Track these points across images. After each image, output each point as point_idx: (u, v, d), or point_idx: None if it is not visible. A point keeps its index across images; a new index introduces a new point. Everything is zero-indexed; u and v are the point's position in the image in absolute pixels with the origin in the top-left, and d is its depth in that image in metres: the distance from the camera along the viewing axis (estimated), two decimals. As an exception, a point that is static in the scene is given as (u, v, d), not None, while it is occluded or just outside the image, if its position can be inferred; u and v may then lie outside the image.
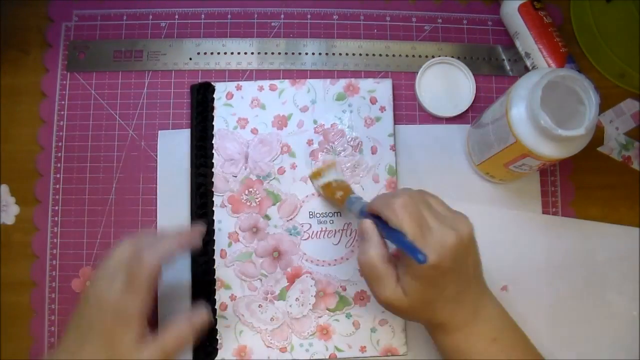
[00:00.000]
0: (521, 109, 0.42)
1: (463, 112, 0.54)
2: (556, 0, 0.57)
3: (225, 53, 0.55)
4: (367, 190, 0.52)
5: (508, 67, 0.56)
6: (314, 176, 0.52)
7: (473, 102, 0.54)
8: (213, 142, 0.52)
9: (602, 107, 0.55)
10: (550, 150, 0.42)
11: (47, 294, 0.52)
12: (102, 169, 0.54)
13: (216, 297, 0.51)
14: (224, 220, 0.52)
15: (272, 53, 0.56)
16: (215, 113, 0.53)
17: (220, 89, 0.54)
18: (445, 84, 0.55)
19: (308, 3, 0.57)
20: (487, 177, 0.52)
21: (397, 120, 0.54)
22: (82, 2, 0.56)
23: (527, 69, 0.54)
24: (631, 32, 0.50)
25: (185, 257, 0.52)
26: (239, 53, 0.55)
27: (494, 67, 0.56)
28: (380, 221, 0.40)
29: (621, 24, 0.52)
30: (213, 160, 0.52)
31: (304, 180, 0.52)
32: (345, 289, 0.51)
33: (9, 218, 0.53)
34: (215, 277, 0.51)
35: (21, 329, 0.52)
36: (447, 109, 0.54)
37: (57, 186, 0.53)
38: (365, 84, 0.54)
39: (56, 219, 0.53)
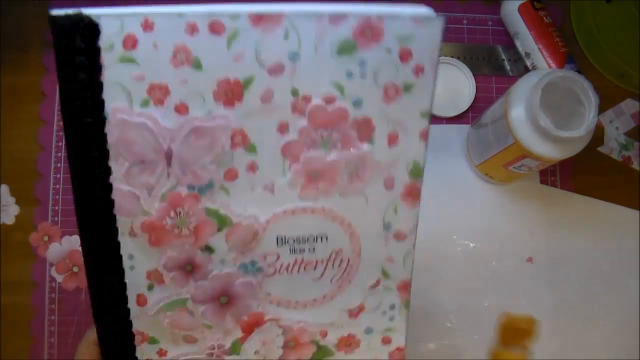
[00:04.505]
0: (520, 110, 0.42)
1: (463, 112, 0.54)
2: (556, 0, 0.56)
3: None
4: (370, 205, 0.35)
5: (508, 67, 0.55)
6: None
7: (473, 102, 0.54)
8: (105, 130, 0.31)
9: (602, 107, 0.55)
10: (549, 151, 0.42)
11: (47, 294, 0.52)
12: (102, 169, 0.54)
13: (138, 354, 0.36)
14: (137, 254, 0.34)
15: None
16: (106, 76, 0.30)
17: (111, 30, 0.30)
18: (445, 84, 0.55)
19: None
20: (487, 177, 0.52)
21: (397, 120, 0.54)
22: (82, 2, 0.56)
23: (527, 69, 0.54)
24: (631, 32, 0.50)
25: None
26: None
27: (494, 67, 0.55)
28: None
29: (621, 24, 0.52)
30: (109, 163, 0.32)
31: (270, 190, 0.33)
32: (325, 335, 0.37)
33: (9, 218, 0.53)
34: (133, 329, 0.36)
35: (21, 329, 0.52)
36: (447, 109, 0.54)
37: (57, 186, 0.53)
38: (396, 26, 0.31)
39: (56, 218, 0.53)
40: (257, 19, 0.30)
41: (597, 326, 0.52)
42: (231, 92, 0.31)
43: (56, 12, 0.29)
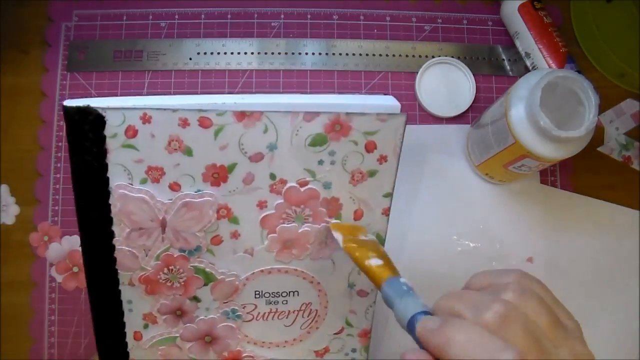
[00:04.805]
0: (520, 110, 0.42)
1: (463, 112, 0.54)
2: (556, 0, 0.56)
3: (225, 53, 0.55)
4: (337, 267, 0.40)
5: (508, 67, 0.55)
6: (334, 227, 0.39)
7: (473, 102, 0.54)
8: (110, 202, 0.36)
9: (602, 107, 0.55)
10: (549, 151, 0.42)
11: (47, 294, 0.52)
12: (102, 169, 0.54)
13: None
14: (135, 300, 0.40)
15: (272, 53, 0.55)
16: (110, 158, 0.35)
17: (115, 122, 0.34)
18: (445, 84, 0.55)
19: (308, 3, 0.57)
20: (487, 177, 0.52)
21: (397, 120, 0.54)
22: (82, 2, 0.56)
23: (527, 69, 0.54)
24: (631, 32, 0.50)
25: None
26: (239, 53, 0.55)
27: (494, 67, 0.55)
28: None
29: (621, 24, 0.52)
30: (113, 228, 0.37)
31: (250, 253, 0.39)
32: None
33: (9, 218, 0.53)
34: (130, 359, 0.42)
35: (21, 329, 0.52)
36: (447, 109, 0.54)
37: (57, 186, 0.53)
38: (363, 123, 0.36)
39: (56, 219, 0.53)
40: (240, 116, 0.35)
41: (597, 326, 0.52)
42: (218, 175, 0.36)
43: (68, 103, 0.34)
